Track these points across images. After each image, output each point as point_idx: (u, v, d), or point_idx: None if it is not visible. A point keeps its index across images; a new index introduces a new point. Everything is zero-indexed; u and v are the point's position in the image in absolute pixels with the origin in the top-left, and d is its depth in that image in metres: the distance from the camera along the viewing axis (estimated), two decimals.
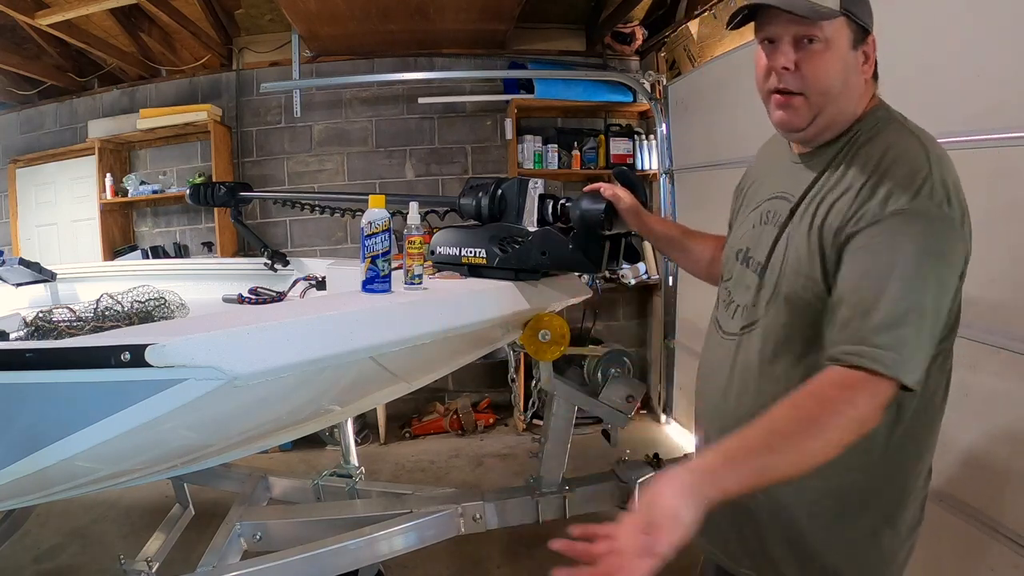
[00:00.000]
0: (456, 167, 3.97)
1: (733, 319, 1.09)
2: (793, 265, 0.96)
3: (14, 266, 2.25)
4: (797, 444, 0.78)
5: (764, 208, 1.09)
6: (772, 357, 0.99)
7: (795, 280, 0.95)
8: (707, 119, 3.21)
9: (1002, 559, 1.55)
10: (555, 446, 1.75)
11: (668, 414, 3.81)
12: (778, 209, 1.05)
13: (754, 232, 1.09)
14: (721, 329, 1.12)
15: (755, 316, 1.02)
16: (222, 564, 1.49)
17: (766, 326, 1.00)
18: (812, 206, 0.96)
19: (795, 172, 1.04)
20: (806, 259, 0.94)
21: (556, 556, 0.78)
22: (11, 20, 3.16)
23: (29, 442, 1.02)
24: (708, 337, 1.18)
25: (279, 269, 2.25)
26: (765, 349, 1.00)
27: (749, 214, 1.14)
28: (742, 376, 1.04)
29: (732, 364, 1.06)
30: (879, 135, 0.94)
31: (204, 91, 3.92)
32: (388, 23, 3.43)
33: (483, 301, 1.32)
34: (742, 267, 1.10)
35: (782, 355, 0.98)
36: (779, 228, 1.02)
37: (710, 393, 1.13)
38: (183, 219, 4.02)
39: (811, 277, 0.93)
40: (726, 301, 1.13)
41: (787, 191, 1.04)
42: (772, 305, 0.99)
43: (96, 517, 2.79)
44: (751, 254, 1.08)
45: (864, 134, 0.96)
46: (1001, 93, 1.52)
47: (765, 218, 1.08)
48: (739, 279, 1.10)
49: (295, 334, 1.01)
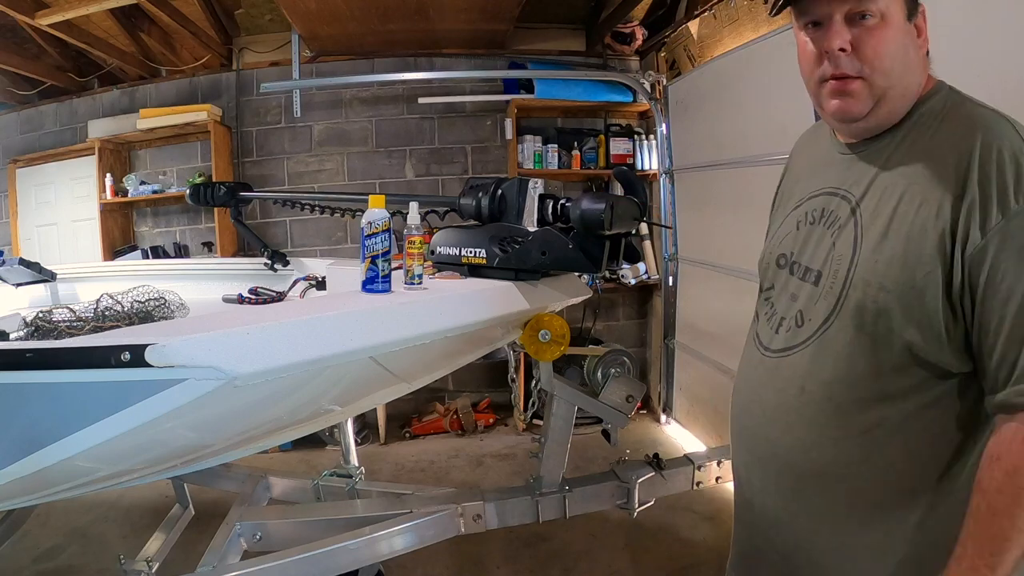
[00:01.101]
0: (456, 167, 3.97)
1: (778, 334, 0.96)
2: (866, 271, 0.83)
3: (14, 266, 2.25)
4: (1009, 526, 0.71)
5: (809, 207, 0.97)
6: (830, 381, 0.86)
7: (867, 290, 0.82)
8: (707, 119, 3.21)
9: None
10: (555, 446, 1.75)
11: (668, 414, 3.80)
12: (831, 207, 0.92)
13: (799, 235, 0.97)
14: (762, 345, 0.99)
15: (812, 330, 0.89)
16: (222, 564, 1.49)
17: (824, 344, 0.87)
18: (887, 203, 0.83)
19: (846, 165, 0.93)
20: (884, 266, 0.81)
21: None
22: (11, 20, 3.15)
23: (29, 442, 1.02)
24: (747, 352, 1.05)
25: (279, 269, 2.25)
26: (822, 372, 0.87)
27: (789, 214, 1.02)
28: (791, 402, 0.91)
29: (779, 387, 0.94)
30: (954, 116, 0.83)
31: (204, 91, 3.92)
32: (388, 23, 3.43)
33: (483, 301, 1.32)
34: (787, 275, 0.98)
35: (844, 380, 0.85)
36: (840, 228, 0.89)
37: (751, 419, 1.01)
38: (183, 219, 4.02)
39: (888, 287, 0.80)
40: (768, 314, 1.01)
41: (838, 186, 0.92)
42: (836, 320, 0.86)
43: (96, 517, 2.79)
44: (798, 259, 0.96)
45: (932, 116, 0.84)
46: (1001, 92, 1.52)
47: (812, 217, 0.96)
48: (784, 289, 0.98)
49: (295, 334, 1.01)
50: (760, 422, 0.98)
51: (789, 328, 0.94)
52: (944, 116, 0.84)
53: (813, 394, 0.88)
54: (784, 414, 0.92)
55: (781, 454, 0.93)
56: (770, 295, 1.02)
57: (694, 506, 2.67)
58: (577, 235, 1.38)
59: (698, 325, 3.46)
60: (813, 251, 0.93)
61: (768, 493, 0.97)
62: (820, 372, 0.87)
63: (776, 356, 0.95)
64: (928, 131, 0.84)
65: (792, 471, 0.92)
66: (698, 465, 1.87)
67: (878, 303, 0.81)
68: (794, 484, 0.92)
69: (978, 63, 1.55)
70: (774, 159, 2.47)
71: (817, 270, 0.91)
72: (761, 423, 0.97)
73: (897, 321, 0.80)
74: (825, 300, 0.88)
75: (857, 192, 0.89)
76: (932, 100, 0.86)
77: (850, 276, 0.85)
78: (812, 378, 0.88)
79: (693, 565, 2.34)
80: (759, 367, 0.99)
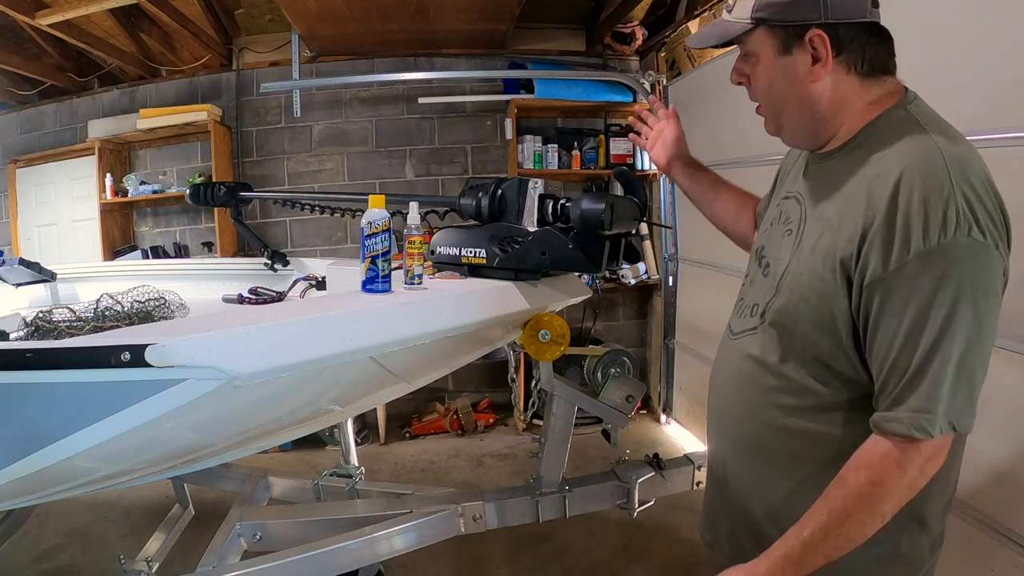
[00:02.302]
0: (456, 167, 3.97)
1: (739, 318, 1.06)
2: (792, 280, 0.91)
3: (14, 266, 2.25)
4: (855, 528, 0.80)
5: (782, 207, 1.04)
6: (758, 367, 0.96)
7: (791, 296, 0.91)
8: (707, 119, 3.21)
9: (1004, 560, 1.55)
10: (555, 446, 1.75)
11: (668, 414, 3.80)
12: (790, 211, 0.99)
13: (770, 231, 1.05)
14: (729, 328, 1.09)
15: (756, 321, 0.99)
16: (222, 564, 1.49)
17: (759, 333, 0.97)
18: (821, 220, 0.90)
19: (809, 173, 0.99)
20: (806, 277, 0.88)
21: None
22: (11, 20, 3.16)
23: (29, 442, 1.02)
24: (722, 339, 1.14)
25: (279, 269, 2.25)
26: (752, 357, 0.98)
27: (772, 209, 1.09)
28: (733, 380, 1.03)
29: (727, 367, 1.05)
30: (893, 144, 0.84)
31: (204, 91, 3.92)
32: (388, 23, 3.43)
33: (483, 301, 1.32)
34: (756, 266, 1.06)
35: (768, 368, 0.95)
36: (789, 234, 0.97)
37: (712, 394, 1.12)
38: (183, 219, 4.02)
39: (807, 297, 0.88)
40: (739, 298, 1.10)
41: (800, 192, 0.99)
42: (768, 314, 0.95)
43: (96, 517, 2.79)
44: (764, 253, 1.04)
45: (877, 141, 0.86)
46: (1000, 93, 1.52)
47: (780, 218, 1.03)
48: (753, 278, 1.06)
49: (295, 334, 1.01)
50: (716, 394, 1.10)
51: (744, 315, 1.04)
52: (889, 140, 0.85)
53: (746, 375, 0.99)
54: (729, 390, 1.04)
55: (724, 425, 1.06)
56: (744, 282, 1.10)
57: (694, 506, 2.64)
58: (577, 235, 1.38)
59: (698, 325, 3.46)
60: (774, 249, 1.01)
61: (720, 457, 1.08)
62: (752, 358, 0.98)
63: (733, 338, 1.05)
64: (871, 155, 0.86)
65: (735, 440, 1.04)
66: (698, 465, 1.87)
67: (798, 310, 0.89)
68: (737, 451, 1.03)
69: (976, 62, 1.55)
70: (774, 159, 2.46)
71: (771, 268, 0.99)
72: (715, 397, 1.10)
73: (811, 328, 0.88)
74: (765, 295, 0.97)
75: (808, 202, 0.95)
76: (882, 121, 0.88)
77: (782, 279, 0.93)
78: (747, 362, 0.99)
79: (693, 565, 2.34)
80: (724, 346, 1.10)
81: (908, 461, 0.78)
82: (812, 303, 0.87)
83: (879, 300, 0.79)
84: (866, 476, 0.80)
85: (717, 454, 1.10)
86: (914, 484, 0.80)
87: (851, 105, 0.89)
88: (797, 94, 0.90)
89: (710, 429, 1.13)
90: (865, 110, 0.89)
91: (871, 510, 0.79)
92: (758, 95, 0.96)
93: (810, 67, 0.88)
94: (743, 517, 1.02)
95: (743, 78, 0.97)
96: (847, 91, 0.89)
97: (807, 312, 0.88)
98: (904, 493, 0.80)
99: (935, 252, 0.75)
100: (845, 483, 0.81)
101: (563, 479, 1.76)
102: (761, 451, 0.98)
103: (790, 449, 0.94)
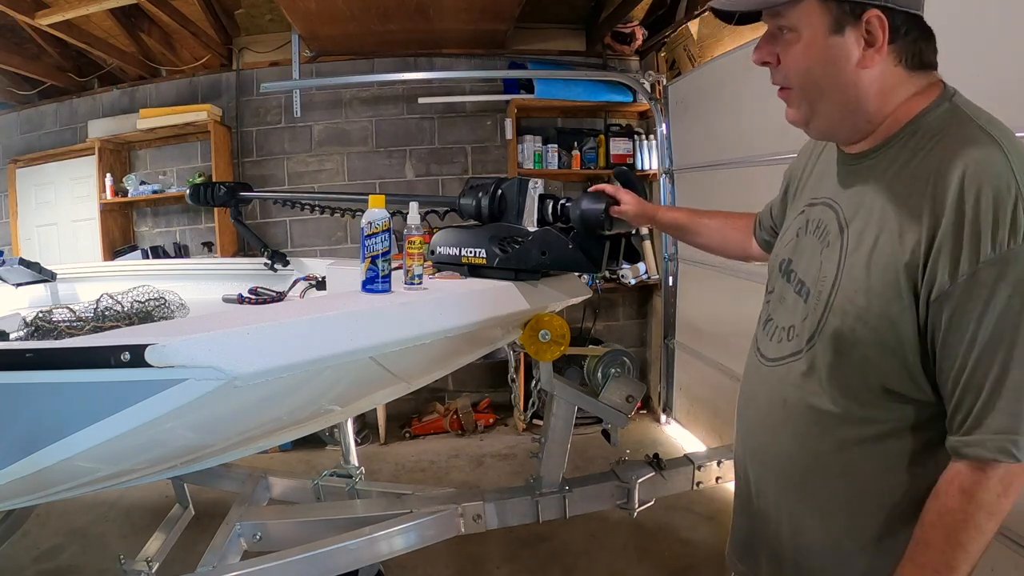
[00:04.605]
0: (456, 167, 3.97)
1: (771, 342, 0.97)
2: (846, 300, 0.82)
3: (14, 266, 2.25)
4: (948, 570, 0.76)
5: (808, 215, 0.95)
6: (811, 398, 0.87)
7: (845, 318, 0.82)
8: (707, 119, 3.21)
9: (1003, 560, 1.55)
10: (555, 446, 1.75)
11: (668, 414, 3.80)
12: (824, 220, 0.90)
13: (798, 243, 0.96)
14: (760, 352, 1.00)
15: (799, 346, 0.90)
16: (222, 564, 1.49)
17: (811, 362, 0.87)
18: (871, 230, 0.81)
19: (843, 175, 0.91)
20: (863, 296, 0.80)
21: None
22: (11, 20, 3.15)
23: (29, 442, 1.02)
24: (750, 355, 1.05)
25: (279, 269, 2.25)
26: (803, 389, 0.88)
27: (794, 218, 1.01)
28: (777, 412, 0.93)
29: (768, 396, 0.96)
30: (945, 141, 0.77)
31: (204, 91, 3.92)
32: (388, 23, 3.43)
33: (483, 301, 1.32)
34: (784, 282, 0.97)
35: (823, 399, 0.86)
36: (828, 246, 0.88)
37: (748, 422, 1.03)
38: (183, 219, 4.02)
39: (866, 318, 0.80)
40: (765, 319, 1.01)
41: (833, 198, 0.91)
42: (818, 339, 0.86)
43: (96, 517, 2.79)
44: (794, 268, 0.95)
45: (928, 135, 0.80)
46: (1000, 92, 1.52)
47: (809, 226, 0.94)
48: (781, 296, 0.98)
49: (295, 334, 1.01)
50: (754, 426, 1.01)
51: (780, 339, 0.95)
52: (940, 136, 0.78)
53: (795, 408, 0.90)
54: (772, 422, 0.95)
55: (770, 459, 0.97)
56: (770, 299, 1.02)
57: (694, 506, 2.67)
58: (577, 235, 1.38)
59: (698, 325, 3.47)
60: (807, 263, 0.93)
61: (763, 490, 1.00)
62: (801, 388, 0.89)
63: (769, 365, 0.96)
64: (921, 152, 0.79)
65: (781, 474, 0.95)
66: (698, 465, 1.87)
67: (855, 333, 0.81)
68: (783, 484, 0.95)
69: (975, 59, 1.55)
70: (774, 159, 2.47)
71: (808, 286, 0.91)
72: (755, 427, 1.01)
73: (873, 353, 0.80)
74: (810, 319, 0.88)
75: (848, 209, 0.87)
76: (929, 116, 0.81)
77: (831, 300, 0.85)
78: (794, 393, 0.90)
79: (693, 565, 2.34)
80: (756, 372, 1.01)
81: (992, 487, 0.73)
82: (872, 324, 0.79)
83: (949, 312, 0.73)
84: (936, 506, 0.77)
85: (760, 490, 1.00)
86: (1003, 507, 0.74)
87: (896, 98, 0.82)
88: (844, 80, 0.81)
89: (747, 461, 1.04)
90: (909, 104, 0.82)
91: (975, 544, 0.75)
92: (791, 77, 0.84)
93: (862, 51, 0.79)
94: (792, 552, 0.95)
95: (772, 57, 0.85)
96: (894, 83, 0.81)
97: (865, 334, 0.80)
98: (997, 518, 0.75)
99: (1007, 259, 0.70)
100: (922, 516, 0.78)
101: (563, 479, 1.76)
102: (815, 487, 0.91)
103: (850, 481, 0.87)
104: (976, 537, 0.74)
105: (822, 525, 0.91)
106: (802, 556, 0.94)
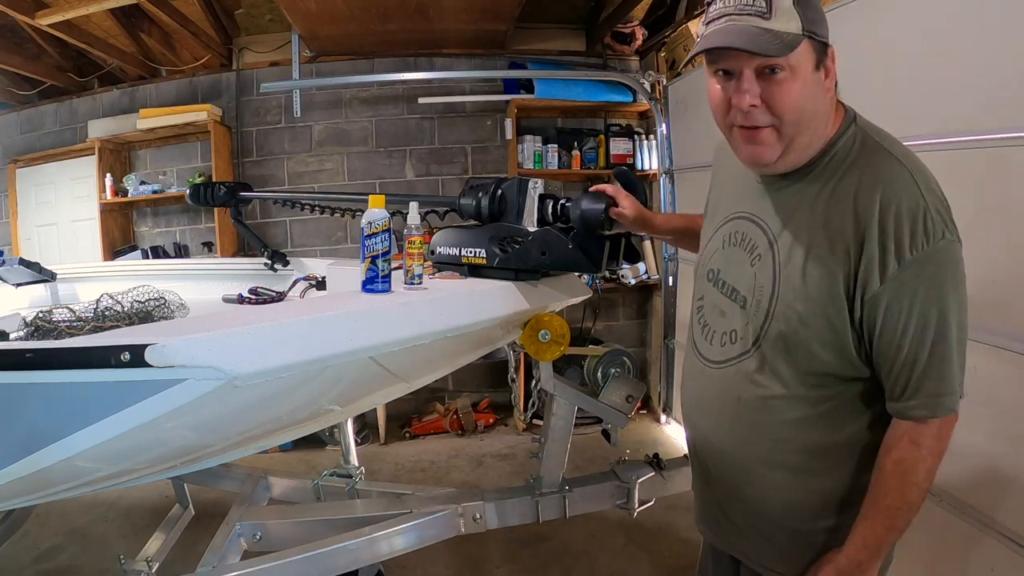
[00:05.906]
0: (456, 167, 3.97)
1: (712, 346, 1.07)
2: (786, 307, 0.94)
3: (14, 266, 2.25)
4: (907, 508, 0.92)
5: (732, 227, 1.06)
6: (764, 391, 0.98)
7: (788, 322, 0.94)
8: (707, 119, 3.18)
9: (1003, 559, 1.55)
10: (555, 446, 1.75)
11: (668, 414, 3.80)
12: (749, 233, 1.02)
13: (724, 254, 1.07)
14: (701, 355, 1.10)
15: (745, 347, 1.00)
16: (222, 564, 1.49)
17: (760, 359, 0.98)
18: (801, 245, 0.93)
19: (760, 194, 1.01)
20: (802, 302, 0.92)
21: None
22: (11, 20, 3.16)
23: (29, 442, 1.02)
24: (687, 361, 1.16)
25: (279, 269, 2.25)
26: (756, 384, 0.99)
27: (718, 229, 1.11)
28: (731, 408, 1.03)
29: (719, 395, 1.05)
30: (859, 165, 0.90)
31: (204, 91, 3.92)
32: (388, 23, 3.43)
33: (483, 301, 1.32)
34: (715, 290, 1.08)
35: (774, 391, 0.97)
36: (759, 259, 0.99)
37: (700, 418, 1.13)
38: (183, 219, 4.02)
39: (806, 320, 0.92)
40: (701, 324, 1.11)
41: (756, 214, 1.02)
42: (764, 341, 0.97)
43: (96, 517, 2.79)
44: (724, 277, 1.06)
45: (843, 159, 0.92)
46: (1000, 92, 1.52)
47: (734, 239, 1.05)
48: (714, 303, 1.08)
49: (295, 334, 1.01)
50: (706, 420, 1.11)
51: (724, 343, 1.05)
52: (853, 160, 0.92)
53: (750, 403, 1.01)
54: (727, 417, 1.05)
55: (728, 447, 1.07)
56: (701, 305, 1.12)
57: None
58: (577, 235, 1.38)
59: None
60: (737, 273, 1.03)
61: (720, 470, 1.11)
62: (754, 383, 1.00)
63: (715, 367, 1.06)
64: (837, 174, 0.92)
65: (737, 456, 1.06)
66: None
67: (799, 334, 0.93)
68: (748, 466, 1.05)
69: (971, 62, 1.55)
70: None
71: (743, 295, 1.01)
72: (707, 422, 1.11)
73: (815, 348, 0.93)
74: (752, 325, 0.99)
75: (774, 226, 0.98)
76: (842, 140, 0.93)
77: (772, 309, 0.96)
78: (748, 389, 1.01)
79: (693, 565, 2.33)
80: (701, 375, 1.10)
81: (935, 438, 0.90)
82: (812, 324, 0.92)
83: (884, 307, 0.87)
84: (891, 458, 0.91)
85: (720, 476, 1.10)
86: (942, 454, 0.91)
87: (832, 121, 0.94)
88: (822, 111, 0.92)
89: (702, 452, 1.14)
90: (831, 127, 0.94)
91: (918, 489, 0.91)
92: (785, 114, 0.88)
93: (824, 82, 0.90)
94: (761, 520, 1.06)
95: (758, 100, 0.88)
96: (832, 109, 0.94)
97: (807, 334, 0.92)
98: (938, 464, 0.91)
99: (923, 259, 0.85)
100: (877, 467, 0.93)
101: (563, 479, 1.76)
102: (775, 463, 1.01)
103: (807, 454, 0.99)
104: (925, 476, 0.91)
105: (781, 490, 1.02)
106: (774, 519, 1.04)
